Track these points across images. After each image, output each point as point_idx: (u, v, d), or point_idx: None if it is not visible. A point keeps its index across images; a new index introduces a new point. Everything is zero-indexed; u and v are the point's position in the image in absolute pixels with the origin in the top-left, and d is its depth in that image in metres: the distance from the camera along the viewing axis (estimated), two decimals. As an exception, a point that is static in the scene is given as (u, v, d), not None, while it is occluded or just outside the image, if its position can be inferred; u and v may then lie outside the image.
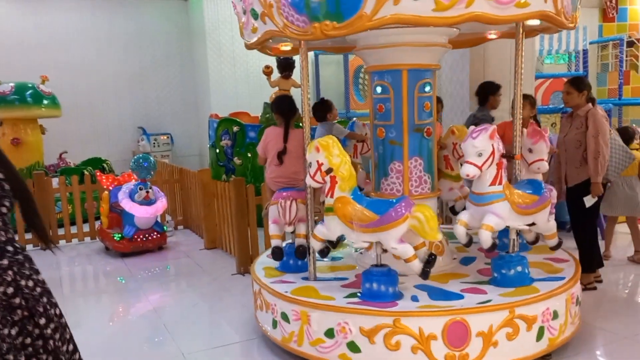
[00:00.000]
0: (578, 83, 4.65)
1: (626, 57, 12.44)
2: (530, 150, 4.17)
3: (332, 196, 3.38)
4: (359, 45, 3.97)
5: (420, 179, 4.02)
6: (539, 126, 4.20)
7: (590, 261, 4.77)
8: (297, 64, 8.90)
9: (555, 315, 3.38)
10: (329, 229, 3.44)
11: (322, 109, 5.10)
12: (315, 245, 3.63)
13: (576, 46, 10.24)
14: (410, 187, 4.00)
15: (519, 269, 3.58)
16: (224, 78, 11.23)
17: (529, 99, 4.72)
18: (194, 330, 4.31)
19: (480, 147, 3.32)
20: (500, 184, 3.42)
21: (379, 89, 4.00)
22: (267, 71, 8.46)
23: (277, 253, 4.06)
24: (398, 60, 3.83)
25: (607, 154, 4.53)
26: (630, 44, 13.37)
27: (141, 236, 6.61)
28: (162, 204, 6.71)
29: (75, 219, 7.41)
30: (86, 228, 7.51)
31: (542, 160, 4.13)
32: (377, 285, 3.41)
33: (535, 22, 3.66)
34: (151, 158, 6.83)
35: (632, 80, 12.76)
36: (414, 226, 3.24)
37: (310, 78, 12.42)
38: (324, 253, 3.80)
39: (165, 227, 6.98)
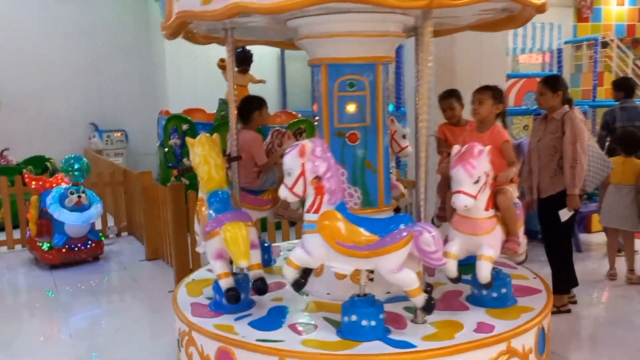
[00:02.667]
0: (553, 83, 4.18)
1: (600, 58, 12.20)
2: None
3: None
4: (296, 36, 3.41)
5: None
6: (505, 127, 3.65)
7: (566, 281, 4.31)
8: (255, 58, 8.43)
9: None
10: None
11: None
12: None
13: (550, 45, 9.88)
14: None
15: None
16: (183, 72, 10.55)
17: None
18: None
19: (287, 165, 2.72)
20: (316, 212, 2.75)
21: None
22: (223, 65, 7.84)
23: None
24: (321, 54, 3.31)
25: (586, 162, 4.04)
26: (605, 44, 13.15)
27: (73, 246, 5.94)
28: (96, 210, 6.05)
29: (4, 225, 6.69)
30: (17, 234, 6.79)
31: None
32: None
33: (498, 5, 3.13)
34: (84, 159, 6.16)
35: (606, 81, 12.53)
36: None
37: (275, 74, 12.02)
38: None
39: (101, 236, 6.31)
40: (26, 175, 6.41)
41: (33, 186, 6.21)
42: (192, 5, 2.86)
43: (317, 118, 3.60)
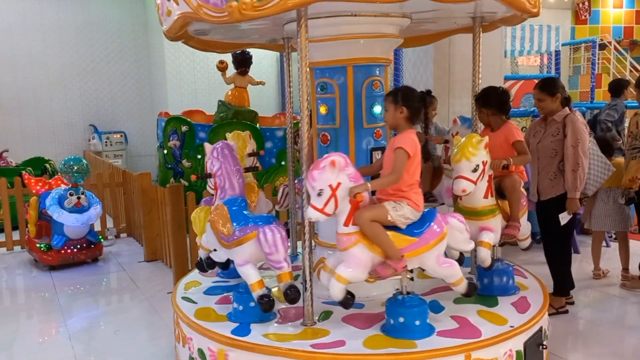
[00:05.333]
0: (549, 87, 4.11)
1: (598, 60, 12.23)
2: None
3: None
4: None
5: None
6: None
7: (565, 284, 4.31)
8: (255, 60, 8.45)
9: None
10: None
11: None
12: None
13: (548, 47, 9.90)
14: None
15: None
16: (182, 73, 10.57)
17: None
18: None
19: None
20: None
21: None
22: (222, 66, 7.90)
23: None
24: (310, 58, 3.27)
25: (587, 166, 4.02)
26: (602, 46, 13.18)
27: (72, 247, 5.95)
28: (95, 211, 6.04)
29: (3, 226, 6.69)
30: (16, 236, 6.79)
31: None
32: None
33: (493, 9, 3.16)
34: (83, 160, 6.16)
35: (603, 83, 12.55)
36: None
37: (274, 76, 12.03)
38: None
39: (100, 237, 6.32)
40: (26, 177, 6.40)
41: (37, 188, 6.17)
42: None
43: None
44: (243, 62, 7.77)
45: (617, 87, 6.71)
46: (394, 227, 2.77)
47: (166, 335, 4.09)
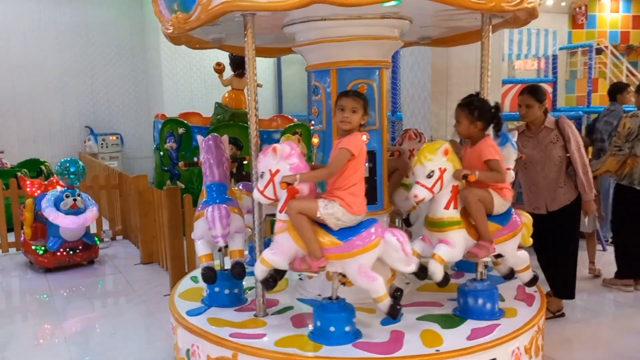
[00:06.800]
0: (538, 94, 4.04)
1: (595, 64, 12.26)
2: None
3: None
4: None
5: None
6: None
7: (571, 286, 4.29)
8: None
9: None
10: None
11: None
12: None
13: (545, 51, 9.91)
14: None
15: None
16: (178, 76, 10.57)
17: None
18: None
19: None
20: None
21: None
22: (219, 69, 7.89)
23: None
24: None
25: (587, 165, 4.08)
26: (599, 51, 13.22)
27: (68, 249, 5.91)
28: (92, 213, 6.00)
29: (-1, 228, 6.65)
30: (12, 238, 6.75)
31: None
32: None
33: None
34: (80, 162, 6.13)
35: (600, 87, 12.60)
36: None
37: (271, 78, 11.99)
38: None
39: (96, 239, 6.29)
40: (22, 179, 6.37)
41: (33, 189, 6.13)
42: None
43: (312, 122, 3.62)
44: (240, 64, 7.74)
45: (614, 90, 6.74)
46: (326, 226, 2.75)
47: (162, 338, 4.07)
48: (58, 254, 5.87)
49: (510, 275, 3.32)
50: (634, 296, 4.84)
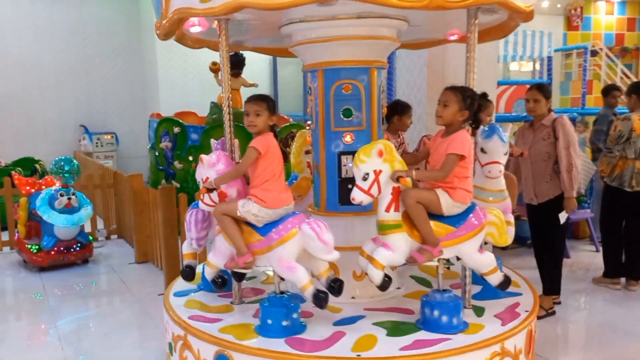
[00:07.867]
0: (545, 90, 4.27)
1: (590, 66, 12.32)
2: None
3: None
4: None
5: None
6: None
7: (558, 282, 4.40)
8: (248, 61, 8.43)
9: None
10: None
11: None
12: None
13: (540, 53, 9.96)
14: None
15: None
16: (174, 75, 10.54)
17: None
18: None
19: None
20: None
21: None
22: (215, 68, 7.87)
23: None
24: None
25: (579, 165, 4.21)
26: (594, 53, 13.30)
27: (62, 248, 5.89)
28: (86, 212, 5.99)
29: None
30: (6, 236, 6.72)
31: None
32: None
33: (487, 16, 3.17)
34: (74, 161, 6.11)
35: (595, 89, 12.67)
36: None
37: (267, 78, 11.98)
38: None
39: (91, 238, 6.27)
40: (16, 177, 6.34)
41: (27, 188, 6.11)
42: (190, 2, 2.83)
43: (308, 122, 3.64)
44: (236, 64, 7.73)
45: (603, 92, 6.83)
46: (254, 225, 2.90)
47: (157, 337, 4.06)
48: (52, 252, 5.85)
49: (504, 285, 3.03)
50: (625, 296, 4.87)
